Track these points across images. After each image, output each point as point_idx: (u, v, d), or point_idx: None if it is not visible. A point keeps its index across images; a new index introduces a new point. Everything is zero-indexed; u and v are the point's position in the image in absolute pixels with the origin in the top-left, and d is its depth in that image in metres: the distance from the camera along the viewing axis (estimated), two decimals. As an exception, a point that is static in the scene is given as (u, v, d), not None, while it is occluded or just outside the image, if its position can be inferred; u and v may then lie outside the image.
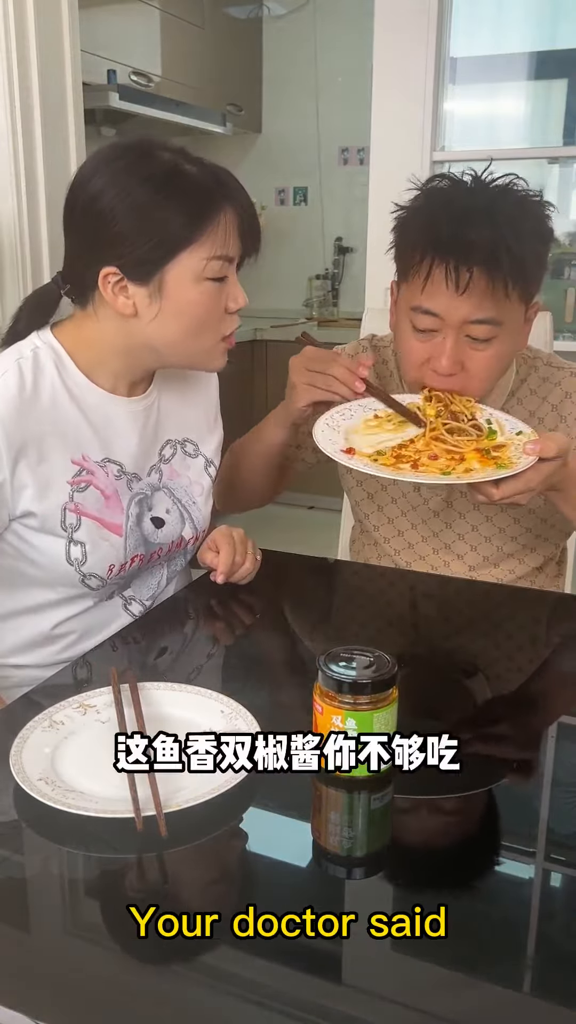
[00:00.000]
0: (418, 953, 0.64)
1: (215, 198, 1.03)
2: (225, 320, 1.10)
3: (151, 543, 1.19)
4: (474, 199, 1.16)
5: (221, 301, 1.08)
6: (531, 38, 3.11)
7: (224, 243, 1.04)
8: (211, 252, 1.03)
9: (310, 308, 4.55)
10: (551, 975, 0.63)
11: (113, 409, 1.14)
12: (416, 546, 1.42)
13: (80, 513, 1.11)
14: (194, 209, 1.02)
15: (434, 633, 1.22)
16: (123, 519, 1.15)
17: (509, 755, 0.91)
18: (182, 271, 1.03)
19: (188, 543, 1.25)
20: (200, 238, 1.02)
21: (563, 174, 3.44)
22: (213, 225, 1.03)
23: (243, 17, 4.31)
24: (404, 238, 1.22)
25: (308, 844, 0.76)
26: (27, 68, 2.28)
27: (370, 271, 2.61)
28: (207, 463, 1.28)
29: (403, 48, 2.49)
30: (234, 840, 0.76)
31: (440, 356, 1.19)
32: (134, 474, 1.17)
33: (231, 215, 1.05)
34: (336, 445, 1.15)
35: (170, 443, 1.24)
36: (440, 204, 1.18)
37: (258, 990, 0.60)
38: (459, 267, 1.13)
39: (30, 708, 0.91)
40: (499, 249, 1.12)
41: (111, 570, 1.14)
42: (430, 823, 0.80)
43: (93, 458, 1.12)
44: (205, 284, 1.05)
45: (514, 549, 1.40)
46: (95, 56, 3.33)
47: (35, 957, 0.64)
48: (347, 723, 0.76)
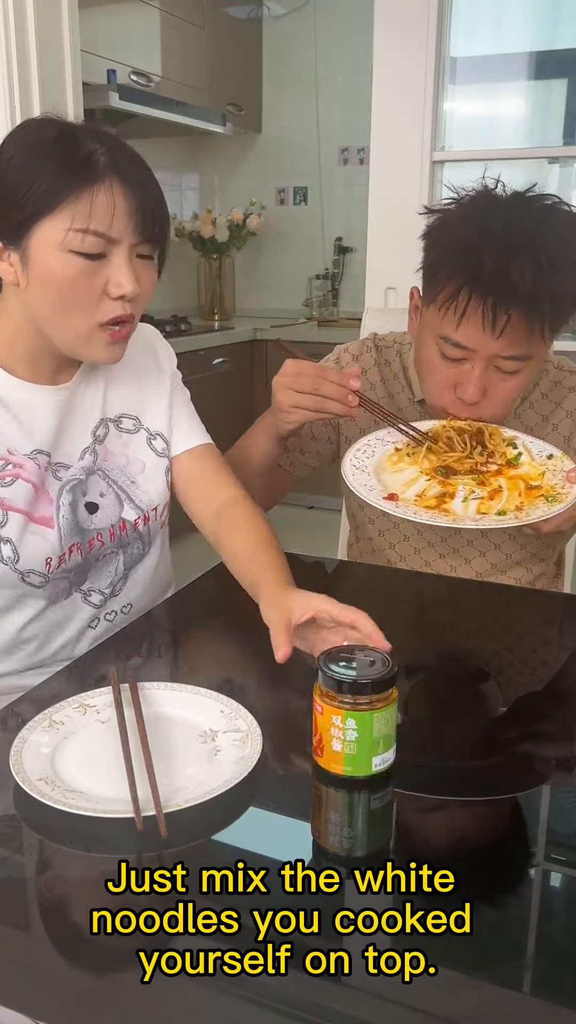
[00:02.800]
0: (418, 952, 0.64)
1: (93, 171, 0.99)
2: (105, 304, 1.04)
3: (87, 530, 1.15)
4: (514, 227, 1.10)
5: (95, 282, 1.02)
6: (531, 38, 3.11)
7: (90, 217, 0.99)
8: (72, 223, 0.98)
9: (310, 308, 4.55)
10: (551, 975, 0.63)
11: (36, 397, 1.11)
12: (422, 551, 1.42)
13: (7, 508, 1.08)
14: (63, 177, 0.98)
15: (440, 635, 1.22)
16: (53, 510, 1.12)
17: (532, 758, 0.91)
18: (44, 238, 1.00)
19: (136, 524, 1.20)
20: (62, 206, 0.98)
21: (563, 174, 3.44)
22: (80, 195, 0.98)
23: (243, 17, 4.31)
24: (438, 262, 1.16)
25: (308, 844, 0.76)
26: (27, 68, 2.28)
27: (370, 271, 2.61)
28: (150, 436, 1.22)
29: (403, 48, 2.49)
30: (234, 840, 0.76)
31: (467, 384, 1.18)
32: (60, 463, 1.13)
33: (116, 193, 0.99)
34: (374, 491, 1.13)
35: (103, 422, 1.18)
36: (479, 233, 1.12)
37: (258, 990, 0.60)
38: (497, 309, 1.10)
39: (30, 708, 0.91)
40: (540, 294, 1.09)
41: (48, 564, 1.11)
42: (430, 823, 0.80)
43: (21, 451, 1.09)
44: (68, 256, 1.00)
45: (523, 557, 1.40)
46: (95, 56, 3.33)
47: (35, 957, 0.64)
48: (347, 723, 0.76)
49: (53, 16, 2.32)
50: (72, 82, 2.40)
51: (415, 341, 1.27)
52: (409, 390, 1.38)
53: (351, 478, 1.15)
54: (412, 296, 1.27)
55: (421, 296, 1.23)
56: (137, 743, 0.82)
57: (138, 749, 0.81)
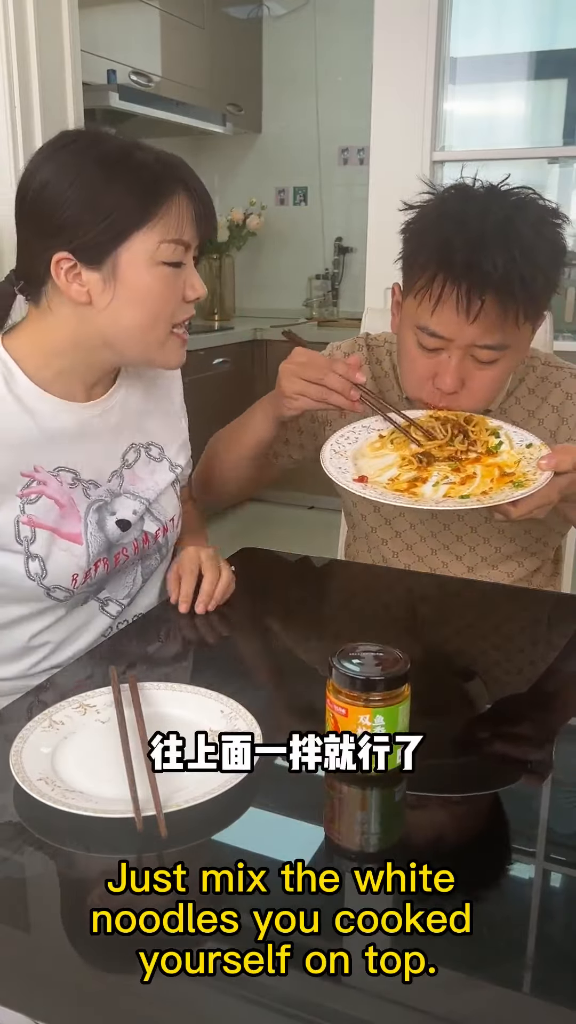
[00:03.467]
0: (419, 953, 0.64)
1: (167, 181, 1.02)
2: (181, 309, 1.07)
3: (115, 545, 1.17)
4: (489, 218, 1.12)
5: (178, 288, 1.05)
6: (531, 38, 3.11)
7: (178, 227, 1.02)
8: (164, 235, 1.02)
9: (310, 308, 4.55)
10: (551, 975, 0.63)
11: (68, 416, 1.11)
12: (415, 547, 1.42)
13: (34, 525, 1.08)
14: (146, 191, 1.01)
15: (435, 634, 1.22)
16: (81, 527, 1.12)
17: (514, 757, 0.91)
18: (135, 254, 1.01)
19: (156, 536, 1.23)
20: (152, 220, 1.01)
21: (563, 174, 3.45)
22: (166, 207, 1.01)
23: (243, 17, 4.32)
24: (414, 253, 1.18)
25: (308, 844, 0.76)
26: (27, 68, 2.28)
27: (370, 271, 2.62)
28: (172, 466, 1.25)
29: (403, 48, 2.49)
30: (234, 840, 0.76)
31: (444, 375, 1.18)
32: (91, 481, 1.14)
33: (184, 200, 1.03)
34: (347, 474, 1.14)
35: (134, 447, 1.21)
36: (454, 223, 1.14)
37: (258, 990, 0.60)
38: (471, 294, 1.11)
39: (30, 708, 0.91)
40: (512, 279, 1.10)
41: (75, 579, 1.12)
42: (430, 823, 0.80)
43: (46, 468, 1.09)
44: (160, 268, 1.03)
45: (512, 551, 1.40)
46: (95, 56, 3.33)
47: (35, 957, 0.64)
48: (375, 720, 0.77)
49: (53, 16, 2.32)
50: (72, 82, 2.41)
51: (397, 336, 1.28)
52: (398, 388, 1.38)
53: (327, 461, 1.16)
54: (394, 292, 1.28)
55: (401, 291, 1.25)
56: (137, 743, 0.82)
57: (138, 749, 0.81)
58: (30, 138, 2.32)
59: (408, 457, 1.17)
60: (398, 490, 1.12)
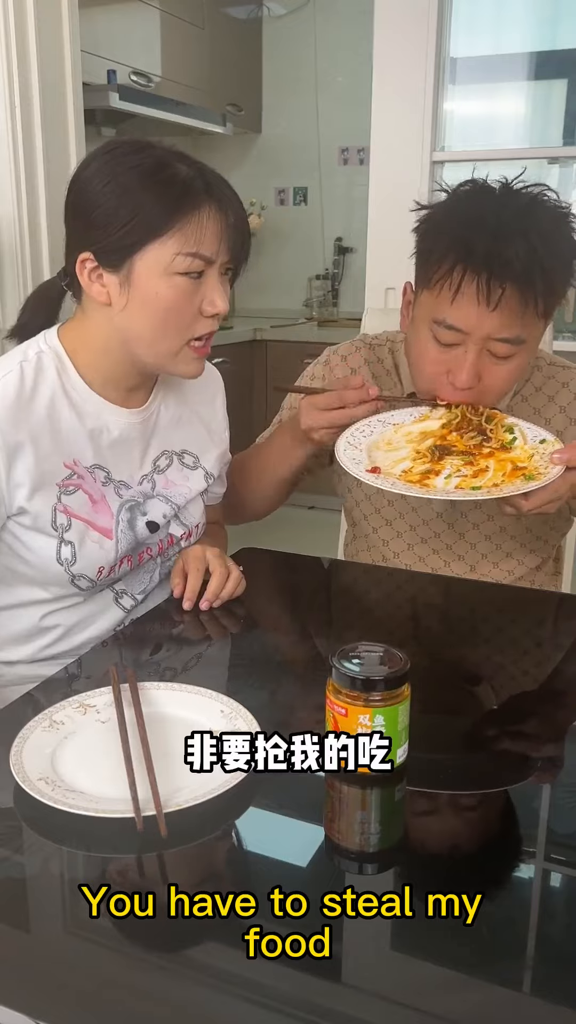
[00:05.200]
0: (418, 953, 0.64)
1: (196, 195, 1.03)
2: (199, 322, 1.08)
3: (141, 545, 1.20)
4: (506, 210, 1.13)
5: (194, 301, 1.06)
6: (531, 38, 3.11)
7: (199, 241, 1.03)
8: (182, 247, 1.03)
9: (310, 308, 4.55)
10: (551, 975, 0.63)
11: (110, 418, 1.15)
12: (416, 547, 1.42)
13: (70, 515, 1.12)
14: (171, 201, 1.02)
15: (439, 635, 1.22)
16: (112, 523, 1.15)
17: (521, 758, 0.91)
18: (151, 262, 1.03)
19: (180, 540, 1.25)
20: (172, 230, 1.02)
21: (563, 174, 3.44)
22: (188, 220, 1.02)
23: (243, 17, 4.31)
24: (432, 246, 1.17)
25: (308, 843, 0.76)
26: (27, 68, 2.28)
27: (370, 271, 2.62)
28: (207, 475, 1.28)
29: (403, 48, 2.49)
30: (234, 840, 0.76)
31: (460, 370, 1.18)
32: (122, 482, 1.18)
33: (213, 216, 1.04)
34: (360, 465, 1.15)
35: (166, 454, 1.24)
36: (473, 214, 1.14)
37: (258, 990, 0.60)
38: (492, 282, 1.10)
39: (30, 708, 0.91)
40: (533, 266, 1.10)
41: (100, 572, 1.15)
42: (430, 823, 0.80)
43: (84, 463, 1.13)
44: (175, 279, 1.04)
45: (513, 548, 1.40)
46: (95, 56, 3.33)
47: (35, 957, 0.64)
48: (375, 720, 0.77)
49: (53, 16, 2.32)
50: (72, 82, 2.40)
51: (407, 334, 1.28)
52: (400, 386, 1.38)
53: (342, 453, 1.17)
54: (405, 291, 1.28)
55: (413, 289, 1.24)
56: (137, 743, 0.82)
57: (138, 749, 0.81)
58: (30, 138, 2.32)
59: (422, 451, 1.18)
60: (410, 482, 1.13)
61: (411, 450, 1.19)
